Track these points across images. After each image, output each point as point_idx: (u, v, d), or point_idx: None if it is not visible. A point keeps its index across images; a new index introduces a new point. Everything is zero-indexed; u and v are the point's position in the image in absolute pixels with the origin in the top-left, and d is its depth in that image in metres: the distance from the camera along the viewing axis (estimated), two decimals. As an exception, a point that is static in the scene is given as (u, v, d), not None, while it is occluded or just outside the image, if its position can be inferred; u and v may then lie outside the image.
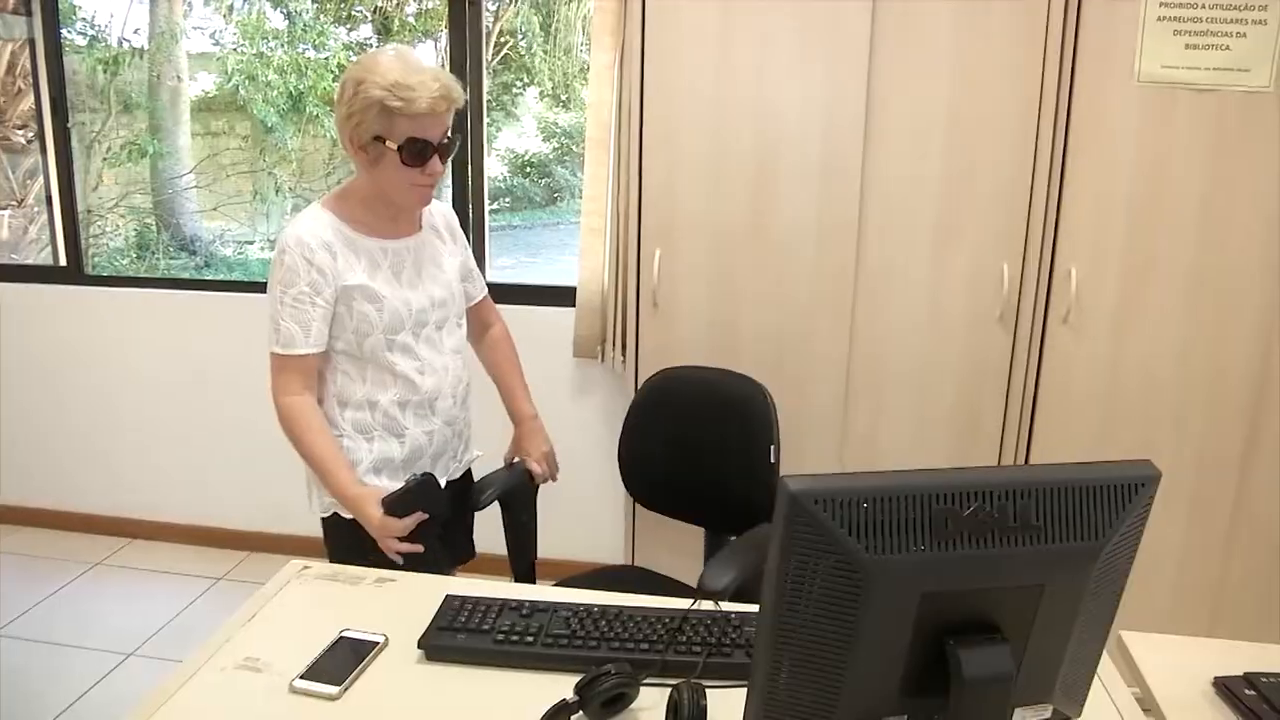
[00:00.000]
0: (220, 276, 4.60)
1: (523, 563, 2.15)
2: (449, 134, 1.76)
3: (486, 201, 3.28)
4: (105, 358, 3.59)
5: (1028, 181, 2.38)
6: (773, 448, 2.11)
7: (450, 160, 1.81)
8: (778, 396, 2.17)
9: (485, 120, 3.21)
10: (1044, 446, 2.52)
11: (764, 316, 2.56)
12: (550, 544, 2.14)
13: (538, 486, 2.14)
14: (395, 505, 1.68)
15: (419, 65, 1.69)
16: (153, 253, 4.67)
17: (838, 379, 2.56)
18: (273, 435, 3.62)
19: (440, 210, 2.01)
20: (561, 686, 1.27)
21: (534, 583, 2.11)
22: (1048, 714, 1.06)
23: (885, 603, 0.91)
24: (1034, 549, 0.92)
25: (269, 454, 3.56)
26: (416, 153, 1.72)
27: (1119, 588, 1.00)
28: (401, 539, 1.72)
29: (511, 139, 5.81)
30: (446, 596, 1.53)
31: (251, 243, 4.99)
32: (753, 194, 2.49)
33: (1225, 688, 1.30)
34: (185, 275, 4.49)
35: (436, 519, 1.74)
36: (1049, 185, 2.37)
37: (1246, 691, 1.28)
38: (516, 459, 2.14)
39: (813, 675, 0.94)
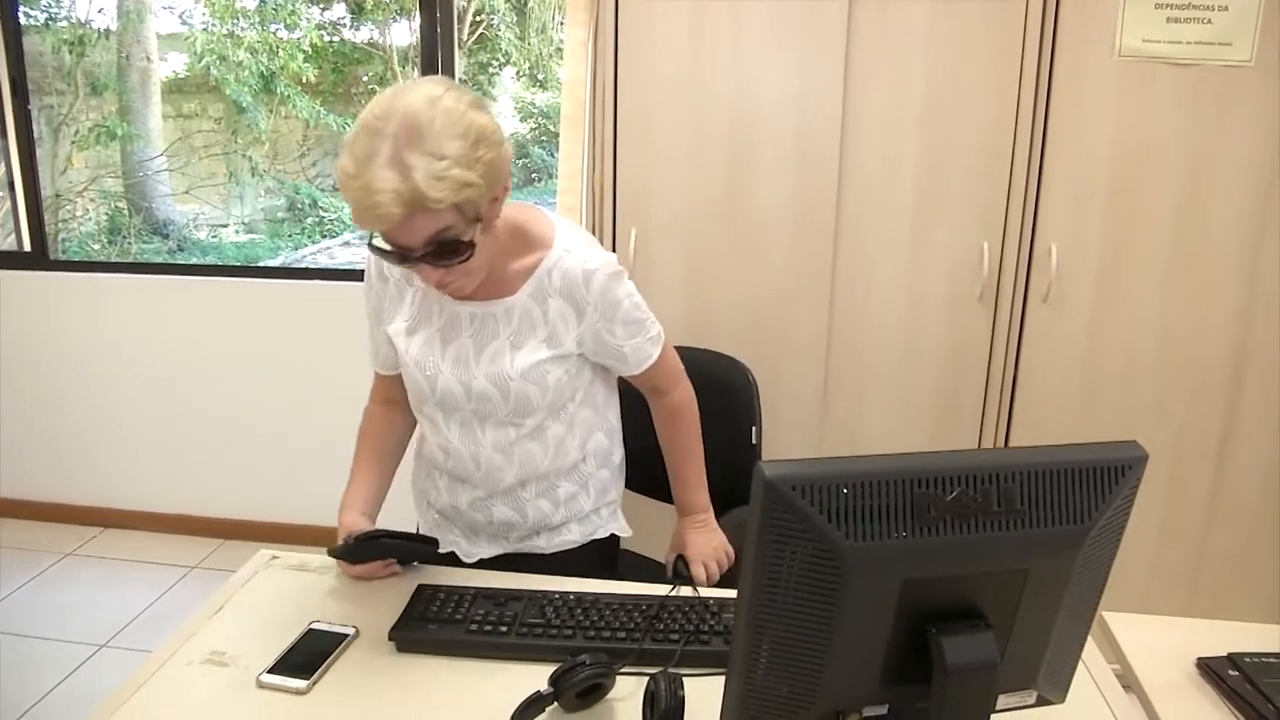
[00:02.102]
0: (193, 261, 4.53)
1: None
2: (444, 241, 1.31)
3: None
4: (73, 344, 3.52)
5: (1007, 159, 2.35)
6: (754, 429, 2.09)
7: (454, 266, 1.35)
8: (756, 379, 2.14)
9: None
10: (1024, 426, 2.50)
11: (741, 298, 2.52)
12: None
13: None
14: (340, 554, 1.53)
15: (370, 148, 1.25)
16: (124, 237, 4.60)
17: (817, 360, 2.54)
18: (247, 421, 3.58)
19: (572, 273, 1.49)
20: (536, 677, 1.24)
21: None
22: (1032, 700, 1.04)
23: (865, 591, 0.88)
24: (1018, 534, 0.90)
25: (243, 441, 3.53)
26: (382, 252, 1.35)
27: (1105, 571, 0.98)
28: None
29: (490, 119, 5.75)
30: (419, 586, 1.49)
31: (225, 226, 4.93)
32: (729, 174, 2.45)
33: (1208, 668, 1.29)
34: (157, 260, 4.42)
35: (408, 558, 1.60)
36: (1029, 162, 2.34)
37: (1230, 672, 1.27)
38: (674, 556, 1.75)
39: (791, 665, 0.92)
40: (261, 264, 4.45)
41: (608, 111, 2.47)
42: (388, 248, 1.33)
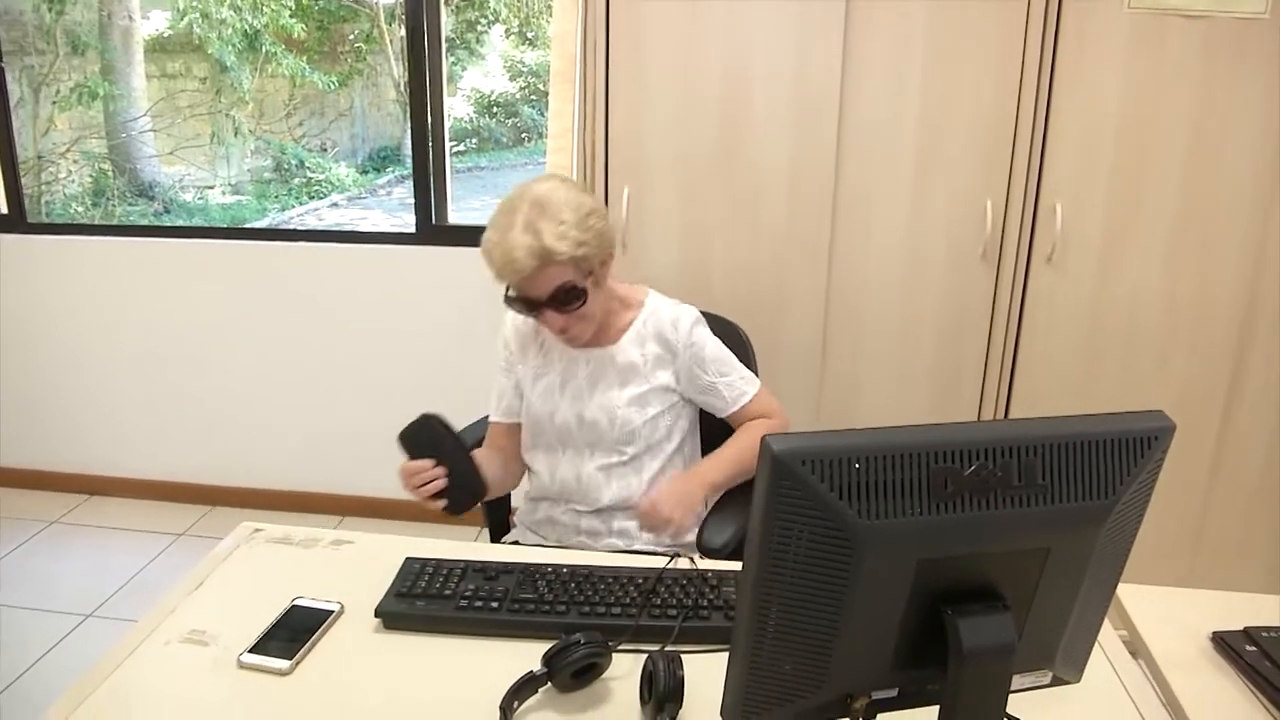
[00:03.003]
0: (179, 223, 4.45)
1: (497, 513, 2.09)
2: (565, 289, 1.61)
3: (448, 142, 3.14)
4: (54, 308, 3.44)
5: (1012, 113, 2.27)
6: None
7: (575, 312, 1.65)
8: (752, 338, 2.09)
9: (445, 59, 3.06)
10: (1026, 387, 2.45)
11: (737, 257, 2.46)
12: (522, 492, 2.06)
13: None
14: (404, 439, 1.59)
15: (508, 222, 1.58)
16: (108, 199, 4.51)
17: (815, 319, 2.48)
18: (234, 387, 3.52)
19: (662, 320, 1.80)
20: (529, 655, 1.19)
21: (509, 531, 2.03)
22: (1047, 680, 0.99)
23: (878, 571, 0.83)
24: (1040, 510, 0.84)
25: (231, 406, 3.48)
26: (515, 303, 1.67)
27: (1126, 548, 0.93)
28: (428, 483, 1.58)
29: (477, 78, 5.66)
30: (406, 559, 1.44)
31: (212, 187, 4.85)
32: (725, 129, 2.37)
33: (1224, 643, 1.25)
34: (144, 222, 4.33)
35: (445, 463, 1.58)
36: (1034, 117, 2.27)
37: (1247, 647, 1.22)
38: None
39: (798, 648, 0.87)
40: (247, 225, 4.37)
41: (599, 66, 2.39)
42: (520, 298, 1.65)
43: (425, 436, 1.58)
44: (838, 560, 0.82)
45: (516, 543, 1.90)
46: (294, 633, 1.30)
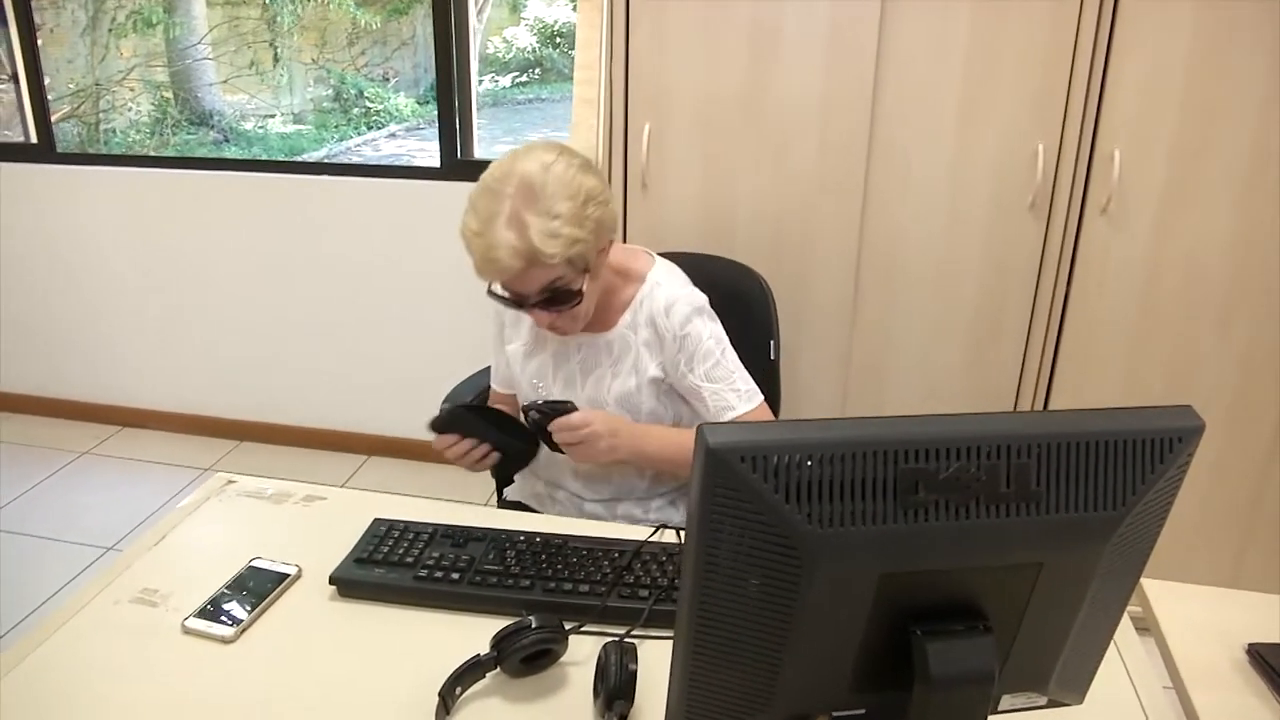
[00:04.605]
0: (237, 152, 4.41)
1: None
2: (555, 290, 1.41)
3: (473, 74, 3.01)
4: (92, 238, 3.41)
5: (1069, 48, 2.07)
6: (772, 343, 1.92)
7: (564, 311, 1.45)
8: (777, 289, 1.96)
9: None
10: (1073, 349, 2.28)
11: (763, 200, 2.30)
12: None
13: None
14: (433, 425, 1.47)
15: (490, 210, 1.36)
16: (164, 127, 4.49)
17: (845, 270, 2.32)
18: (267, 322, 3.48)
19: (656, 302, 1.56)
20: (486, 632, 1.09)
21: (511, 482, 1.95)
22: (1042, 702, 0.87)
23: (833, 586, 0.71)
24: (1032, 520, 0.71)
25: (263, 342, 3.44)
26: (500, 298, 1.47)
27: (1139, 565, 0.79)
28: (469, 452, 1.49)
29: (541, 7, 5.54)
30: (374, 520, 1.36)
31: (273, 116, 4.80)
32: (752, 60, 2.21)
33: (1260, 657, 1.10)
34: (201, 151, 4.30)
35: (491, 440, 1.50)
36: (1093, 53, 2.06)
37: (1288, 665, 1.08)
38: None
39: (742, 665, 0.76)
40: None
41: (620, -10, 2.23)
42: (505, 295, 1.46)
43: (455, 422, 1.47)
44: (784, 573, 0.70)
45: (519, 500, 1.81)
46: (246, 596, 1.23)
